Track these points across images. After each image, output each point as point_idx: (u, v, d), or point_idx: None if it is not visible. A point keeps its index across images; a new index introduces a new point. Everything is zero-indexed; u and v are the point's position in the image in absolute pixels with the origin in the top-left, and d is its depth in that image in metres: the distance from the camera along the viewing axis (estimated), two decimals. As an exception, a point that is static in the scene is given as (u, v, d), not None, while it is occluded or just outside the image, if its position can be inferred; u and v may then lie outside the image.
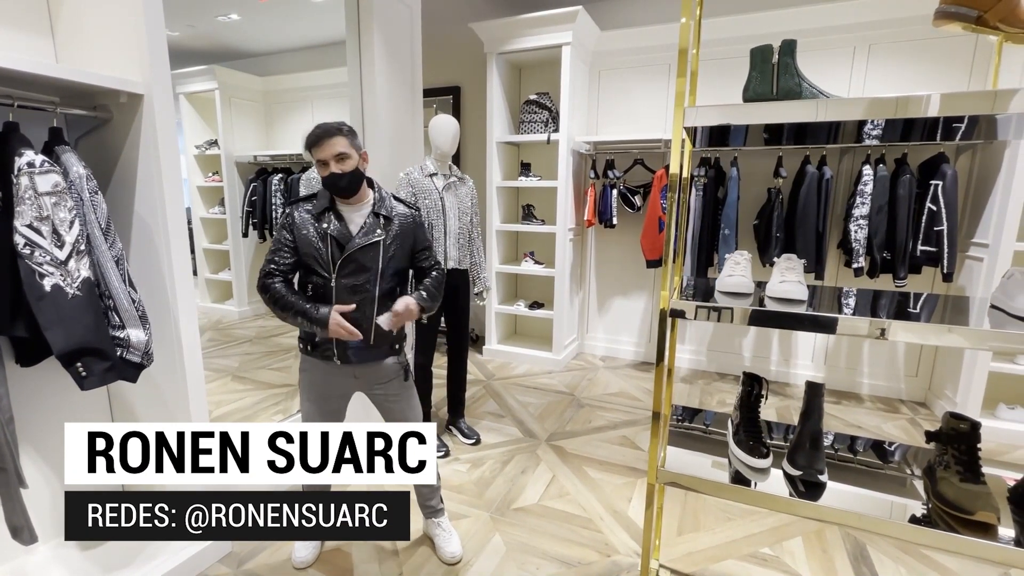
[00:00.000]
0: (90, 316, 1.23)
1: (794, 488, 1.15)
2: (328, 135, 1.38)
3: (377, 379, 1.55)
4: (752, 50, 1.10)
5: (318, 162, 1.39)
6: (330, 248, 1.41)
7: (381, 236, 1.44)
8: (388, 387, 1.57)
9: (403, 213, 1.52)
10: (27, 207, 1.16)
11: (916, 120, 1.03)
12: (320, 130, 1.39)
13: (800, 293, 1.13)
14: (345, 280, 1.42)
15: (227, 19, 3.61)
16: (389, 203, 1.51)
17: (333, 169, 1.38)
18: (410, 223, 1.53)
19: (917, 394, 3.07)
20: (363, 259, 1.42)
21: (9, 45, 1.40)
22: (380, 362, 1.54)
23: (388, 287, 1.48)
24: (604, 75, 3.58)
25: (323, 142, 1.38)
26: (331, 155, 1.37)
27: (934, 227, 2.60)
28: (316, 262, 1.42)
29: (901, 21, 2.74)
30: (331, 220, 1.43)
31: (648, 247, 3.29)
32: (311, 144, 1.40)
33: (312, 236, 1.42)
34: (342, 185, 1.41)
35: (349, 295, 1.42)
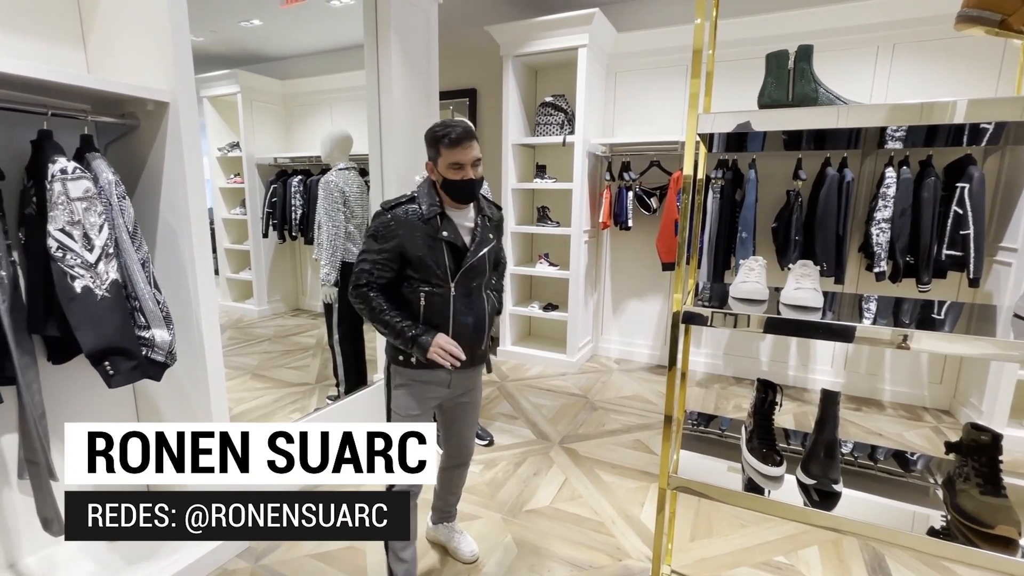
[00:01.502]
0: (118, 317, 1.27)
1: (808, 497, 1.14)
2: (470, 137, 1.29)
3: (469, 384, 1.50)
4: (768, 55, 1.09)
5: (452, 164, 1.28)
6: (447, 256, 1.32)
7: (493, 241, 1.41)
8: (475, 392, 1.53)
9: (496, 215, 1.48)
10: (60, 212, 1.21)
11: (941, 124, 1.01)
12: (462, 130, 1.28)
13: (815, 300, 1.12)
14: (460, 288, 1.35)
15: (249, 24, 3.70)
16: (486, 202, 1.46)
17: (471, 174, 1.30)
18: (499, 223, 1.49)
19: (941, 402, 3.00)
20: (479, 265, 1.37)
21: (45, 56, 1.45)
22: (479, 367, 1.51)
23: (492, 289, 1.49)
24: (620, 77, 3.56)
25: (466, 144, 1.28)
26: (471, 159, 1.29)
27: (960, 231, 2.54)
28: (432, 272, 1.31)
29: (926, 20, 2.67)
30: (447, 225, 1.32)
31: (664, 250, 3.27)
32: (451, 143, 1.27)
33: (423, 245, 1.30)
34: (474, 192, 1.34)
35: (466, 303, 1.36)
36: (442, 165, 1.29)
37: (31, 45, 1.43)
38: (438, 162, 1.31)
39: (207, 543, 1.64)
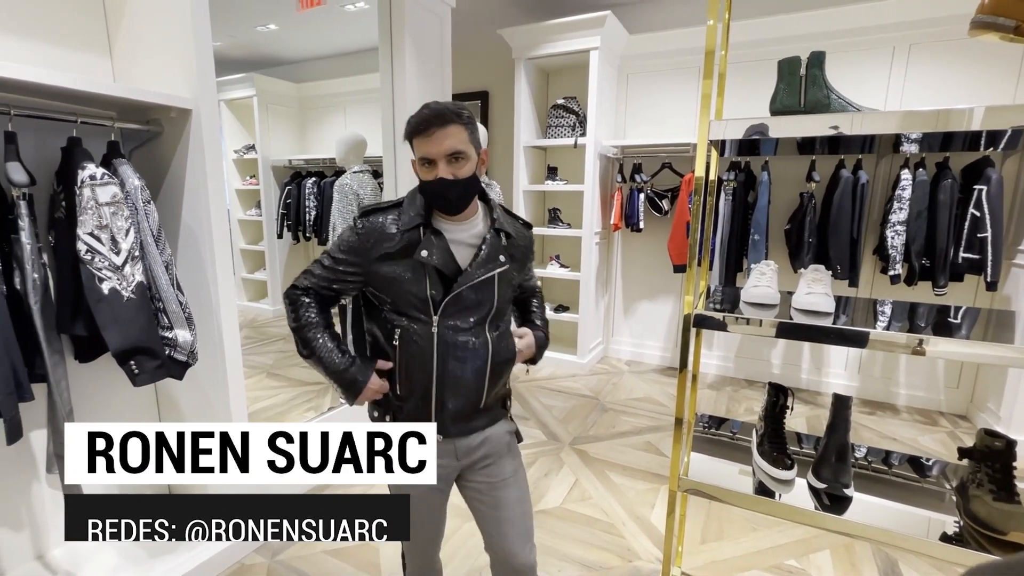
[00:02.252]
0: (143, 317, 1.32)
1: (819, 501, 1.15)
2: (441, 121, 0.93)
3: (484, 457, 1.09)
4: (780, 62, 1.10)
5: (421, 160, 0.96)
6: (430, 282, 0.98)
7: (503, 265, 1.02)
8: (500, 466, 1.10)
9: (521, 230, 1.12)
10: (89, 216, 1.25)
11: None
12: (430, 112, 0.93)
13: (827, 305, 1.13)
14: (448, 322, 0.99)
15: (266, 29, 3.76)
16: (505, 216, 1.09)
17: (442, 173, 0.94)
18: (526, 243, 1.12)
19: (958, 406, 2.96)
20: (476, 295, 1.00)
21: (73, 65, 1.51)
22: (490, 430, 1.09)
23: (502, 329, 1.07)
24: (632, 78, 3.57)
25: (433, 131, 0.93)
26: (443, 151, 0.94)
27: (977, 234, 2.50)
28: (408, 302, 0.99)
29: (943, 20, 2.64)
30: (430, 242, 0.98)
31: (675, 252, 3.27)
32: (414, 131, 0.95)
33: (401, 266, 0.99)
34: (451, 198, 0.97)
35: (458, 345, 1.00)
36: (416, 163, 0.99)
37: (60, 54, 1.48)
38: (414, 158, 1.00)
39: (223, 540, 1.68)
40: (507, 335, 1.08)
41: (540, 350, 1.17)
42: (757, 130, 1.05)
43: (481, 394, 1.04)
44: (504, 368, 1.07)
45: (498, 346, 1.04)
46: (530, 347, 1.13)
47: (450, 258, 1.00)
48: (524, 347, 1.11)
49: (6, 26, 1.38)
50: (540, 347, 1.16)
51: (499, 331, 1.06)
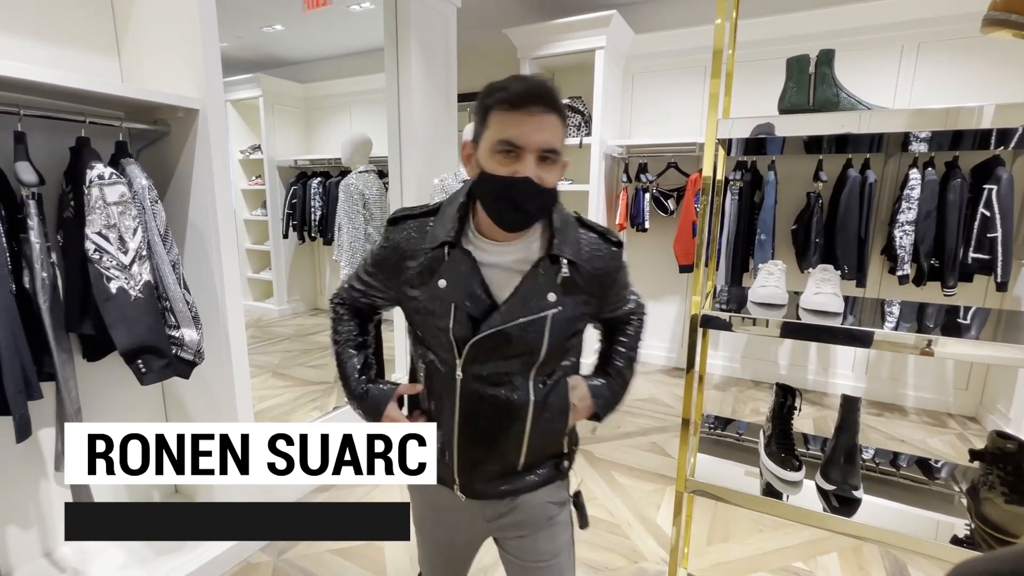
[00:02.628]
0: (150, 317, 1.32)
1: (827, 503, 1.14)
2: (547, 104, 0.70)
3: (516, 527, 0.88)
4: (788, 60, 1.09)
5: (501, 144, 0.70)
6: (455, 319, 0.77)
7: (554, 305, 0.77)
8: (534, 544, 0.89)
9: (598, 251, 0.82)
10: (97, 216, 1.26)
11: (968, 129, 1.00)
12: (536, 86, 0.70)
13: (836, 305, 1.12)
14: (478, 369, 0.78)
15: (272, 30, 3.78)
16: (573, 232, 0.81)
17: (528, 170, 0.70)
18: (608, 268, 0.83)
19: (967, 408, 2.93)
20: (514, 339, 0.76)
21: (82, 65, 1.52)
22: (530, 495, 0.86)
23: (555, 378, 0.83)
24: (638, 78, 3.55)
25: (535, 111, 0.69)
26: (539, 143, 0.70)
27: (987, 233, 2.48)
28: (433, 335, 0.81)
29: (952, 18, 2.62)
30: (454, 269, 0.77)
31: (681, 252, 3.25)
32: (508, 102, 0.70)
33: (423, 291, 0.80)
34: (530, 208, 0.73)
35: (486, 396, 0.79)
36: (485, 145, 0.72)
37: (69, 55, 1.49)
38: (481, 140, 0.74)
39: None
40: (562, 386, 0.84)
41: (604, 405, 0.89)
42: (764, 129, 1.04)
43: (518, 456, 0.82)
44: (555, 427, 0.83)
45: (547, 400, 0.81)
46: (584, 403, 0.86)
47: (477, 291, 0.77)
48: (577, 401, 0.85)
49: (15, 27, 1.39)
50: (603, 401, 0.88)
51: (552, 381, 0.82)
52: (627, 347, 0.94)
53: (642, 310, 0.97)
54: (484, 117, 0.73)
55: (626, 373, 0.93)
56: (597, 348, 0.98)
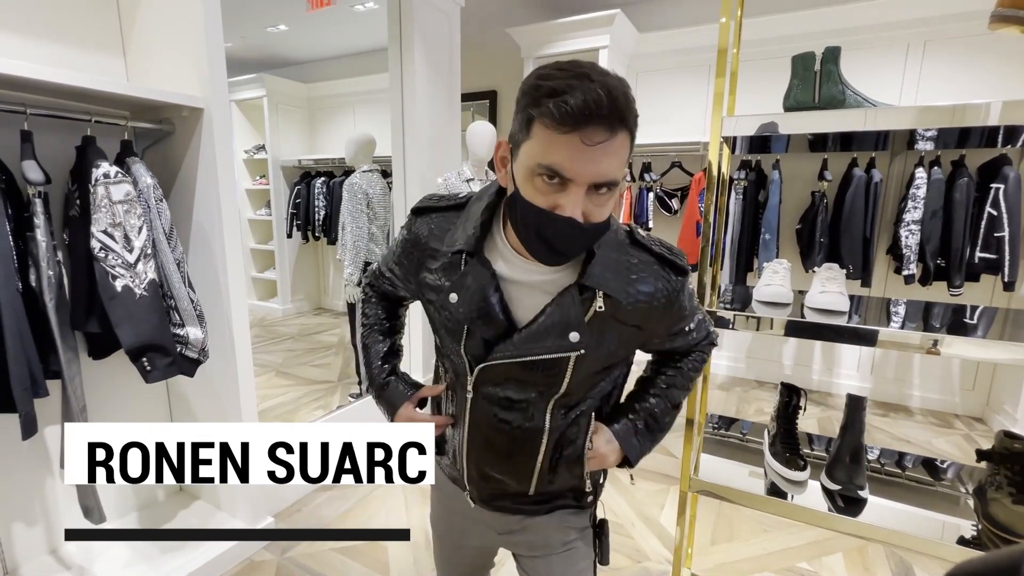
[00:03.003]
0: (155, 315, 1.33)
1: (832, 503, 1.13)
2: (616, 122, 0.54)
3: (528, 546, 0.82)
4: (794, 57, 1.08)
5: (544, 169, 0.56)
6: (467, 336, 0.69)
7: (575, 347, 0.65)
8: (548, 567, 0.81)
9: (647, 279, 0.67)
10: (102, 214, 1.26)
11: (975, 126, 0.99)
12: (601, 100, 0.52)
13: (841, 304, 1.11)
14: (491, 390, 0.70)
15: (276, 30, 3.79)
16: (620, 256, 0.67)
17: (572, 209, 0.56)
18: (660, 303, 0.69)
19: (974, 409, 2.91)
20: (530, 371, 0.67)
21: (88, 65, 1.52)
22: (540, 519, 0.80)
23: (576, 409, 0.73)
24: (642, 77, 3.55)
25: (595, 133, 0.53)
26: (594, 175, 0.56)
27: (994, 233, 2.46)
28: (448, 344, 0.74)
29: (959, 16, 2.60)
30: (466, 282, 0.68)
31: (685, 251, 3.24)
32: (560, 117, 0.53)
33: (439, 296, 0.71)
34: (568, 250, 0.62)
35: (492, 417, 0.71)
36: (524, 160, 0.58)
37: (75, 54, 1.50)
38: (520, 149, 0.59)
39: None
40: (586, 419, 0.73)
41: (631, 450, 0.77)
42: (769, 127, 1.04)
43: (528, 484, 0.74)
44: (573, 464, 0.73)
45: (566, 432, 0.72)
46: (603, 454, 0.75)
47: (494, 310, 0.66)
48: (597, 454, 0.74)
49: (23, 27, 1.40)
50: (628, 447, 0.76)
51: (575, 414, 0.72)
52: (675, 384, 0.80)
53: (710, 340, 0.82)
54: (527, 123, 0.56)
55: (665, 420, 0.79)
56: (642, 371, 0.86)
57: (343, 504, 2.02)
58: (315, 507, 2.00)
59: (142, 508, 1.83)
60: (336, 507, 2.00)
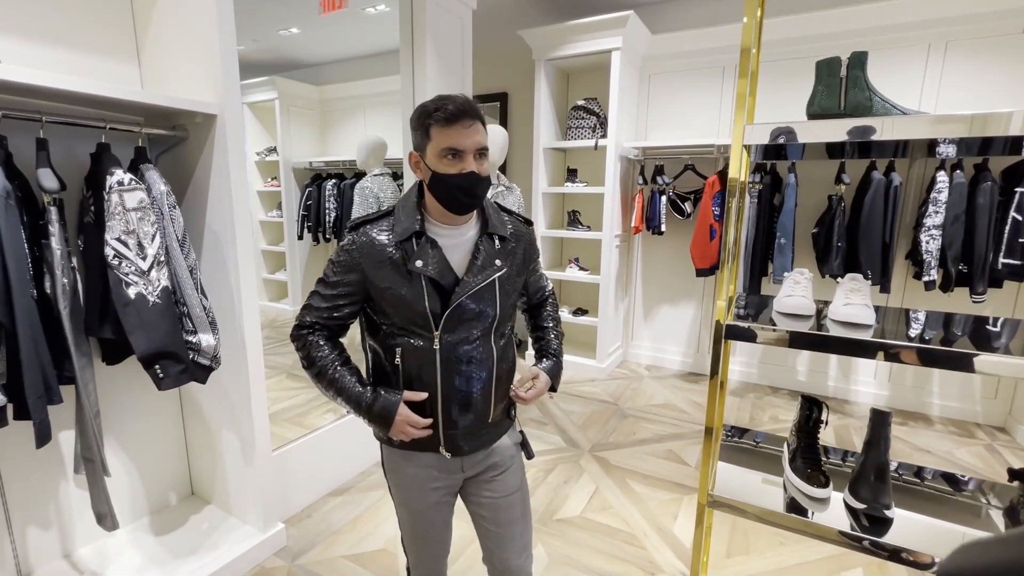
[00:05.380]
0: (168, 322, 1.33)
1: (856, 522, 1.09)
2: (473, 116, 0.90)
3: (490, 469, 1.07)
4: (818, 63, 1.05)
5: (446, 151, 0.90)
6: (428, 295, 0.93)
7: (501, 270, 0.98)
8: (505, 480, 1.07)
9: (517, 231, 1.05)
10: (116, 222, 1.26)
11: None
12: (463, 104, 0.89)
13: (867, 317, 1.07)
14: (450, 337, 0.95)
15: (288, 32, 3.80)
16: (498, 215, 1.04)
17: (473, 167, 0.90)
18: (524, 242, 1.07)
19: (996, 418, 2.84)
20: (477, 305, 0.96)
21: (103, 71, 1.53)
22: (495, 445, 1.07)
23: (506, 336, 1.05)
24: (654, 79, 3.51)
25: (467, 123, 0.89)
26: (474, 145, 0.90)
27: (1019, 238, 2.40)
28: (408, 318, 0.95)
29: (981, 16, 2.54)
30: (425, 251, 0.93)
31: (698, 255, 3.20)
32: (445, 120, 0.89)
33: (397, 280, 0.93)
34: (479, 193, 0.93)
35: (461, 359, 0.96)
36: (431, 153, 0.91)
37: (90, 62, 1.50)
38: (426, 150, 0.92)
39: (248, 540, 1.69)
40: (511, 342, 1.06)
41: (556, 379, 1.11)
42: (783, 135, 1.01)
43: (489, 408, 1.01)
44: (508, 377, 1.04)
45: (503, 355, 1.03)
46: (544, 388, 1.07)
47: (446, 267, 0.95)
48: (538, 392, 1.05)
49: (39, 35, 1.40)
50: (555, 376, 1.11)
51: (504, 339, 1.03)
52: (555, 323, 1.18)
53: (553, 293, 1.23)
54: (426, 131, 0.91)
55: (561, 351, 1.17)
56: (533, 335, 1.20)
57: (353, 510, 2.01)
58: (325, 513, 2.00)
59: (154, 513, 1.83)
60: (346, 513, 1.99)
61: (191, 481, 1.94)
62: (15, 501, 1.47)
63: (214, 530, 1.75)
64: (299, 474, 1.99)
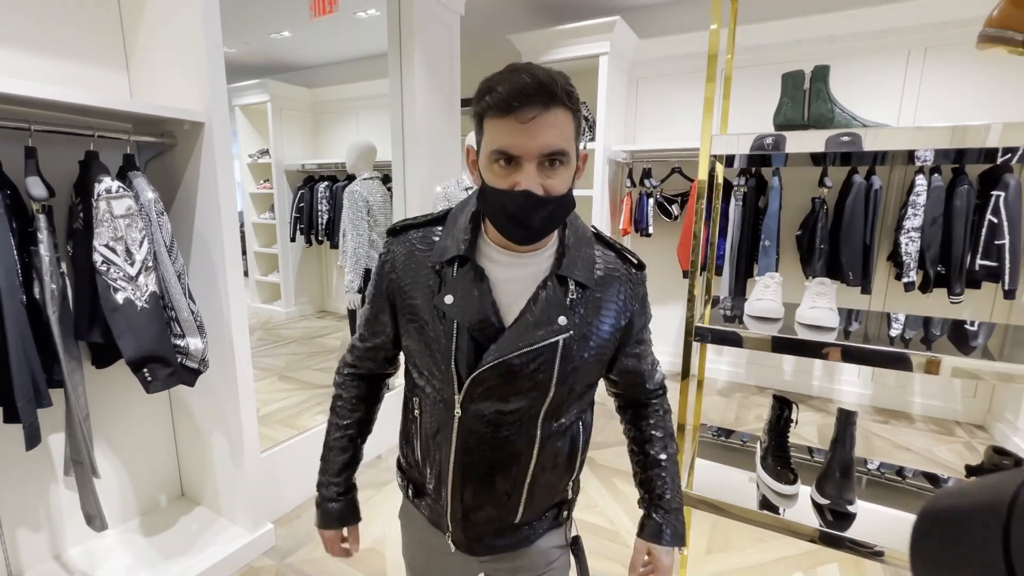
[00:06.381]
0: (156, 327, 1.35)
1: (822, 517, 1.14)
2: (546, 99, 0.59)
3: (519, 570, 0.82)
4: (784, 75, 1.09)
5: (496, 153, 0.61)
6: (457, 344, 0.68)
7: (565, 329, 0.67)
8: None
9: (613, 274, 0.74)
10: (105, 228, 1.29)
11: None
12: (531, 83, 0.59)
13: (831, 320, 1.12)
14: (478, 406, 0.69)
15: (279, 36, 3.82)
16: (587, 249, 0.72)
17: (528, 183, 0.61)
18: (626, 294, 0.75)
19: (975, 416, 2.90)
20: (523, 371, 0.67)
21: (91, 79, 1.55)
22: (531, 547, 0.80)
23: (566, 419, 0.74)
24: (642, 83, 3.55)
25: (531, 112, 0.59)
26: (538, 148, 0.60)
27: (995, 240, 2.45)
28: (427, 364, 0.72)
29: (960, 23, 2.59)
30: (464, 283, 0.68)
31: (685, 257, 3.25)
32: (496, 107, 0.60)
33: (426, 311, 0.70)
34: (534, 224, 0.63)
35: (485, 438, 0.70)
36: (484, 153, 0.64)
37: (80, 70, 1.53)
38: (481, 147, 0.65)
39: (237, 540, 1.72)
40: (573, 432, 0.76)
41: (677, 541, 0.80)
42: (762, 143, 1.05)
43: (517, 507, 0.74)
44: (558, 477, 0.76)
45: (553, 448, 0.73)
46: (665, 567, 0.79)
47: (488, 311, 0.67)
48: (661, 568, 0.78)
49: (28, 44, 1.42)
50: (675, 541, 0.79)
51: (556, 427, 0.73)
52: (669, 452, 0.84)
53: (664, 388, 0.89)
54: (480, 123, 0.64)
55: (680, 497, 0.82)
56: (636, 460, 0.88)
57: (342, 510, 2.04)
58: (314, 513, 2.02)
59: (144, 514, 1.85)
60: (335, 513, 2.02)
61: (181, 482, 1.97)
62: (5, 503, 1.50)
63: (204, 531, 1.78)
64: (289, 475, 2.02)
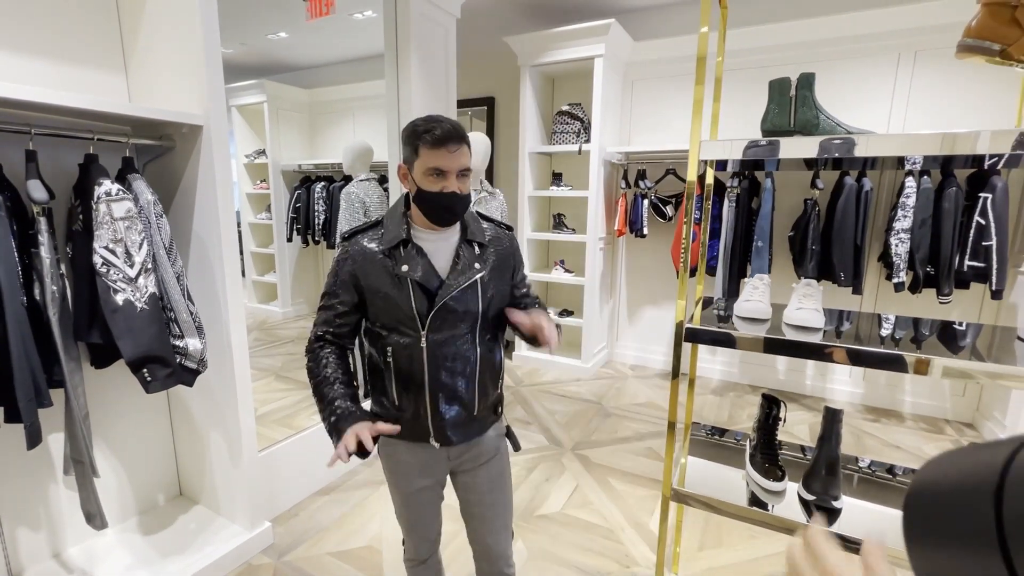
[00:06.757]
0: (155, 328, 1.37)
1: (808, 513, 1.17)
2: (459, 139, 0.99)
3: (475, 460, 1.16)
4: (770, 82, 1.12)
5: (431, 171, 0.99)
6: (414, 297, 1.02)
7: (480, 272, 1.06)
8: (489, 468, 1.17)
9: (497, 236, 1.14)
10: (104, 231, 1.31)
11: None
12: (451, 129, 0.98)
13: (816, 321, 1.15)
14: (436, 335, 1.04)
15: (276, 37, 3.83)
16: (477, 224, 1.13)
17: (453, 186, 1.00)
18: (506, 248, 1.14)
19: (964, 414, 2.94)
20: (459, 305, 1.04)
21: (91, 83, 1.57)
22: (481, 437, 1.15)
23: (491, 337, 1.12)
24: (637, 85, 3.58)
25: (452, 147, 0.98)
26: (458, 166, 0.99)
27: (983, 242, 2.49)
28: (396, 318, 1.04)
29: (949, 26, 2.63)
30: (411, 257, 1.03)
31: (679, 257, 3.28)
32: (433, 141, 0.98)
33: (387, 284, 1.03)
34: (458, 211, 1.04)
35: (447, 356, 1.05)
36: (418, 170, 1.00)
37: (79, 74, 1.54)
38: (414, 166, 1.01)
39: (235, 538, 1.74)
40: (496, 346, 1.14)
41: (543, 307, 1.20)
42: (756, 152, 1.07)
43: (474, 401, 1.10)
44: (492, 379, 1.13)
45: (489, 354, 1.11)
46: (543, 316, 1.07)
47: (431, 271, 1.04)
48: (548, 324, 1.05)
49: (28, 48, 1.44)
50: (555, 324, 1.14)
51: (490, 339, 1.12)
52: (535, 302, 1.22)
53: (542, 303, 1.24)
54: (415, 149, 1.00)
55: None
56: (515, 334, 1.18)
57: (340, 508, 2.06)
58: (312, 511, 2.04)
59: (143, 513, 1.87)
60: (333, 511, 2.04)
61: (179, 481, 1.98)
62: (6, 502, 1.51)
63: (202, 529, 1.80)
64: (287, 474, 2.04)
